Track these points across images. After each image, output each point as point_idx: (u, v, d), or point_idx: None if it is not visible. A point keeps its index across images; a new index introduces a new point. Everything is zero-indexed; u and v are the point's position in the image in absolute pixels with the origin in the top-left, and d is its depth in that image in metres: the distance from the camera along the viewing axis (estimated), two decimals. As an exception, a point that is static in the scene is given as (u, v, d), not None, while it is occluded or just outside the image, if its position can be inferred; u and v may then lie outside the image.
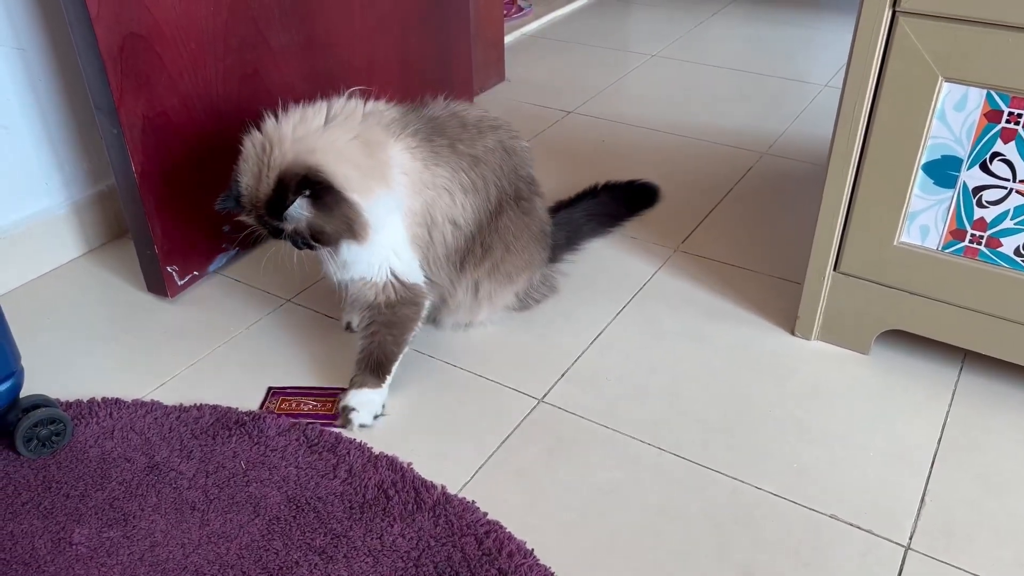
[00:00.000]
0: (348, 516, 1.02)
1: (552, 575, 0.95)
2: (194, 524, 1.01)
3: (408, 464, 1.08)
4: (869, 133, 1.11)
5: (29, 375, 1.14)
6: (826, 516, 1.02)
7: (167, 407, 1.18)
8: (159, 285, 1.40)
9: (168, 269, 1.39)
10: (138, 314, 1.39)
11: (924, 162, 1.10)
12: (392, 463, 1.08)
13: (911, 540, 0.99)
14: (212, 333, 1.34)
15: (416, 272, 1.19)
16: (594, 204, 1.53)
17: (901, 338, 1.26)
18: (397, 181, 1.11)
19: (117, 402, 1.18)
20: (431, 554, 0.97)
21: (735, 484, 1.07)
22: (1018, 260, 1.10)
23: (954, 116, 1.06)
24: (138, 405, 1.18)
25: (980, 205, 1.09)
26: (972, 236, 1.12)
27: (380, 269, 1.16)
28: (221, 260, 1.49)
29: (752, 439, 1.13)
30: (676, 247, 1.54)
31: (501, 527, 1.00)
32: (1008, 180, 1.07)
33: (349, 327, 1.34)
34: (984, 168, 1.07)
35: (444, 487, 1.05)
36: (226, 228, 1.47)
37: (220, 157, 1.40)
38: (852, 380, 1.23)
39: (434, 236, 1.18)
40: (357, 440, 1.12)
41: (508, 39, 2.46)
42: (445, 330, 1.34)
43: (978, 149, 1.06)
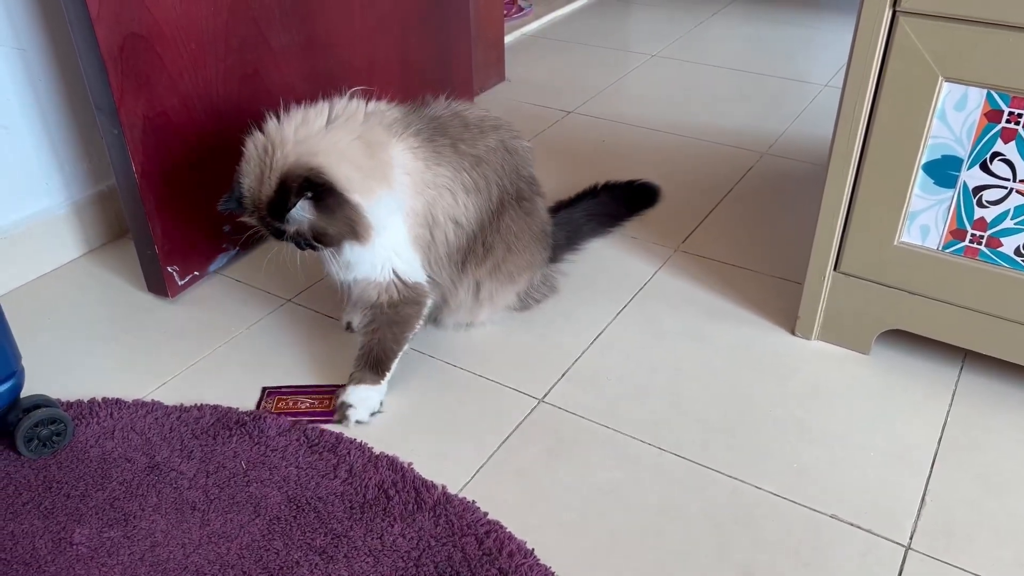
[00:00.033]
0: (348, 516, 1.02)
1: (553, 575, 0.95)
2: (195, 524, 1.01)
3: (408, 464, 1.08)
4: (869, 133, 1.11)
5: (30, 375, 1.15)
6: (826, 516, 1.02)
7: (168, 407, 1.18)
8: (159, 285, 1.41)
9: (168, 269, 1.39)
10: (138, 314, 1.39)
11: (924, 162, 1.10)
12: (392, 463, 1.08)
13: (911, 540, 0.99)
14: (212, 333, 1.34)
15: (418, 271, 1.19)
16: (594, 204, 1.53)
17: (901, 338, 1.26)
18: (399, 181, 1.11)
19: (118, 402, 1.18)
20: (431, 554, 0.97)
21: (735, 484, 1.07)
22: (1018, 260, 1.10)
23: (954, 116, 1.06)
24: (139, 405, 1.18)
25: (980, 205, 1.09)
26: (972, 236, 1.12)
27: (383, 269, 1.16)
28: (221, 260, 1.49)
29: (752, 439, 1.13)
30: (676, 247, 1.54)
31: (501, 527, 1.00)
32: (1008, 180, 1.07)
33: (349, 327, 1.34)
34: (984, 168, 1.07)
35: (444, 487, 1.05)
36: (226, 228, 1.47)
37: (220, 157, 1.40)
38: (852, 380, 1.23)
39: (436, 236, 1.18)
40: (358, 440, 1.12)
41: (508, 39, 2.46)
42: (446, 330, 1.34)
43: (978, 149, 1.06)
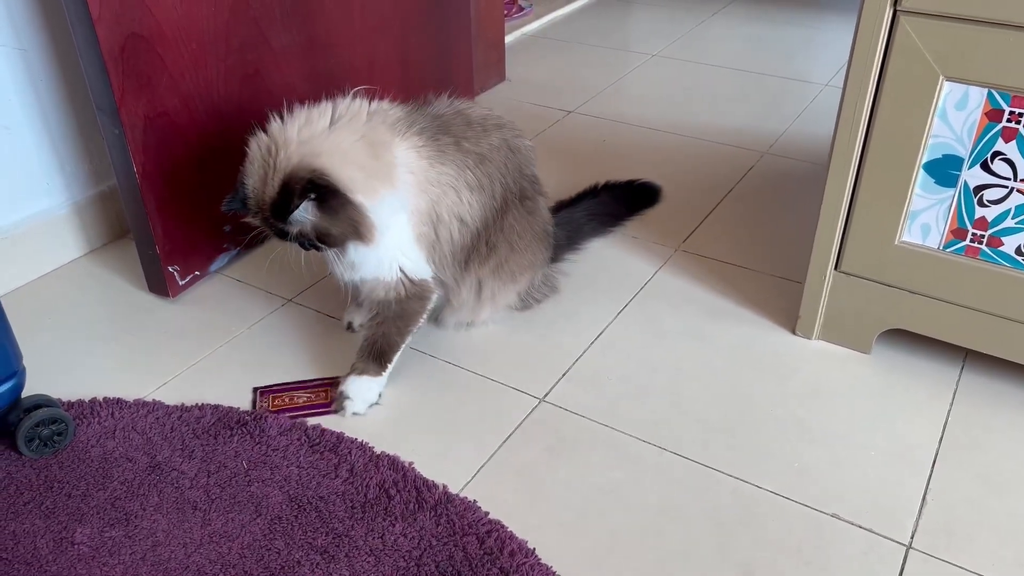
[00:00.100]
0: (350, 516, 1.02)
1: (554, 574, 0.95)
2: (196, 524, 1.01)
3: (409, 464, 1.09)
4: (870, 132, 1.11)
5: (31, 375, 1.15)
6: (827, 515, 1.02)
7: (169, 407, 1.18)
8: (160, 285, 1.41)
9: (169, 269, 1.39)
10: (139, 314, 1.39)
11: (925, 161, 1.10)
12: (393, 463, 1.08)
13: (912, 539, 0.99)
14: (213, 333, 1.34)
15: (424, 268, 1.19)
16: (595, 204, 1.53)
17: (902, 337, 1.26)
18: (403, 180, 1.11)
19: (119, 402, 1.18)
20: (433, 553, 0.97)
21: (736, 483, 1.07)
22: (1019, 259, 1.10)
23: (955, 115, 1.06)
24: (140, 405, 1.18)
25: (981, 204, 1.09)
26: (973, 235, 1.12)
27: (390, 268, 1.16)
28: (222, 260, 1.49)
29: (753, 438, 1.13)
30: (677, 247, 1.54)
31: (502, 526, 1.00)
32: (1009, 179, 1.07)
33: (350, 327, 1.34)
34: (985, 167, 1.07)
35: (445, 486, 1.05)
36: (227, 228, 1.47)
37: (221, 157, 1.40)
38: (853, 379, 1.23)
39: (440, 234, 1.18)
40: (359, 440, 1.12)
41: (509, 39, 2.46)
42: (447, 329, 1.34)
43: (979, 148, 1.06)
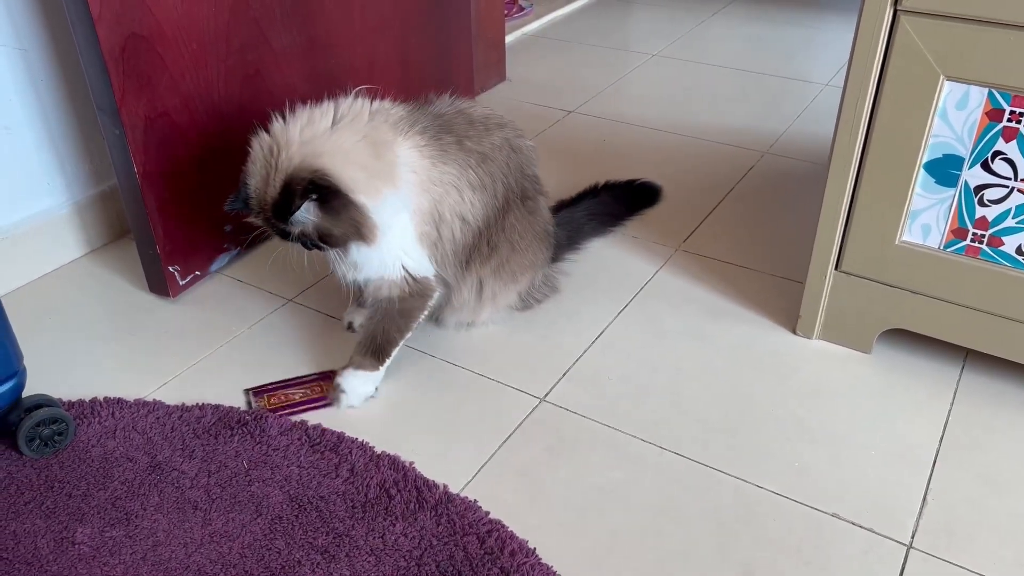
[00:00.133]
0: (350, 515, 1.02)
1: (554, 574, 0.95)
2: (196, 523, 1.01)
3: (410, 463, 1.09)
4: (870, 132, 1.11)
5: (31, 375, 1.15)
6: (828, 515, 1.02)
7: (169, 407, 1.18)
8: (161, 285, 1.41)
9: (170, 269, 1.39)
10: (140, 314, 1.39)
11: (925, 161, 1.10)
12: (394, 462, 1.08)
13: (913, 539, 0.99)
14: (214, 333, 1.34)
15: (427, 267, 1.19)
16: (595, 203, 1.53)
17: (903, 337, 1.26)
18: (405, 180, 1.11)
19: (119, 402, 1.18)
20: (433, 553, 0.97)
21: (736, 483, 1.07)
22: (1020, 259, 1.10)
23: (955, 115, 1.06)
24: (140, 405, 1.18)
25: (982, 204, 1.09)
26: (974, 235, 1.12)
27: (393, 268, 1.16)
28: (223, 260, 1.49)
29: (754, 438, 1.13)
30: (677, 246, 1.54)
31: (503, 526, 1.00)
32: (1010, 179, 1.07)
33: (351, 327, 1.34)
34: (985, 167, 1.07)
35: (446, 486, 1.05)
36: (228, 228, 1.47)
37: (222, 157, 1.40)
38: (854, 379, 1.23)
39: (443, 233, 1.18)
40: (359, 439, 1.12)
41: (509, 39, 2.46)
42: (447, 329, 1.34)
43: (979, 148, 1.06)
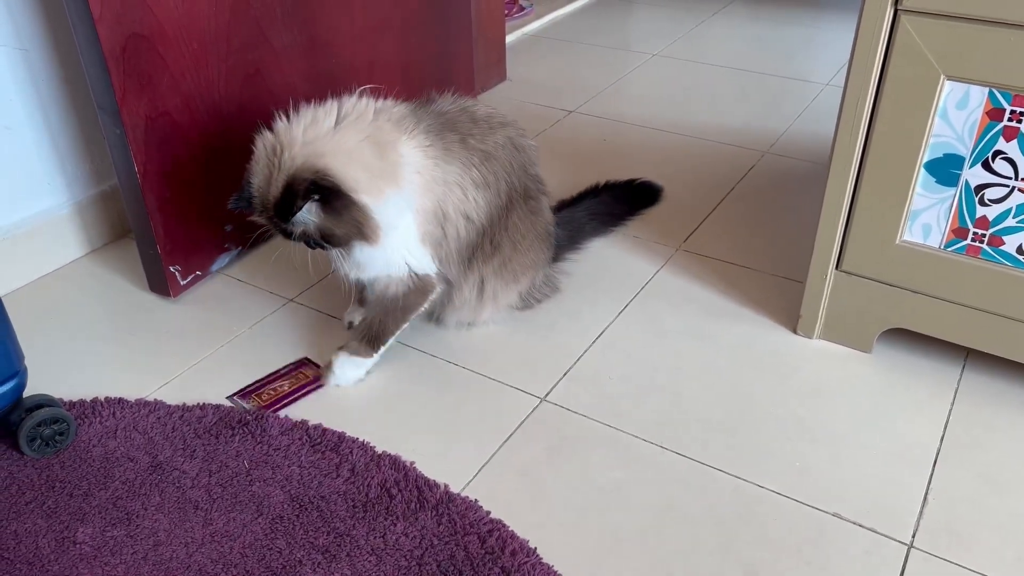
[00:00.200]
0: (351, 515, 1.02)
1: (555, 573, 0.95)
2: (197, 523, 1.01)
3: (411, 463, 1.09)
4: (871, 132, 1.11)
5: (32, 375, 1.15)
6: (829, 514, 1.02)
7: (170, 406, 1.18)
8: (162, 285, 1.41)
9: (171, 269, 1.39)
10: (141, 314, 1.39)
11: (926, 160, 1.10)
12: (395, 462, 1.08)
13: (914, 538, 0.99)
14: (215, 333, 1.34)
15: (429, 265, 1.19)
16: (596, 203, 1.53)
17: (903, 336, 1.26)
18: (409, 180, 1.11)
19: (120, 402, 1.18)
20: (434, 553, 0.97)
21: (737, 483, 1.07)
22: (1020, 258, 1.10)
23: (956, 114, 1.06)
24: (141, 405, 1.18)
25: (982, 203, 1.09)
26: (974, 234, 1.12)
27: (399, 267, 1.17)
28: (224, 260, 1.49)
29: (754, 438, 1.13)
30: (678, 246, 1.54)
31: (504, 526, 1.00)
32: (1010, 178, 1.07)
33: (351, 327, 1.34)
34: (986, 166, 1.07)
35: (447, 486, 1.05)
36: (228, 228, 1.47)
37: (223, 157, 1.40)
38: (854, 378, 1.23)
39: (448, 231, 1.18)
40: (360, 439, 1.12)
41: (509, 39, 2.46)
42: (448, 329, 1.34)
43: (980, 147, 1.06)
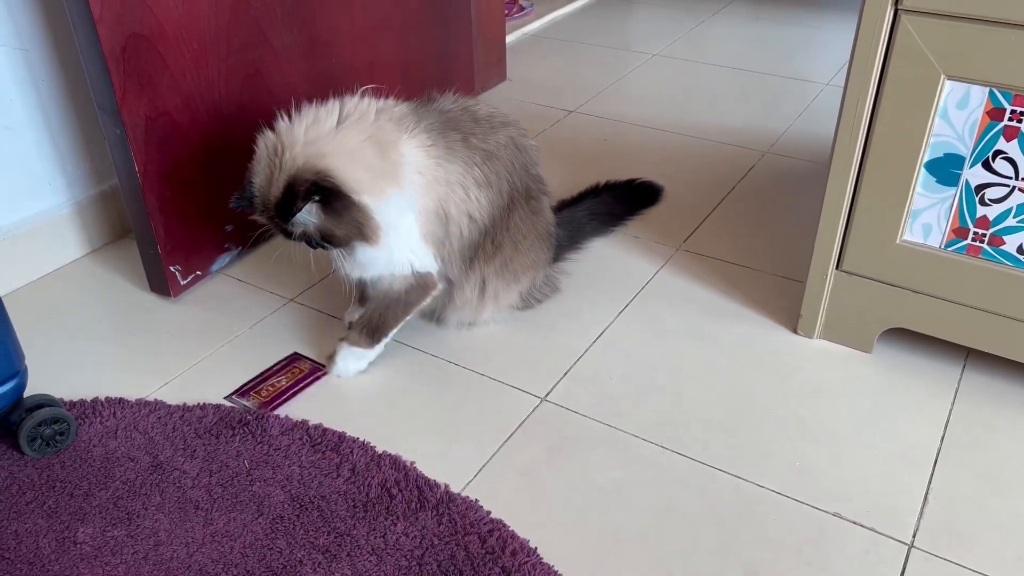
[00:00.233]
0: (351, 515, 1.02)
1: (556, 573, 0.95)
2: (198, 523, 1.01)
3: (411, 463, 1.09)
4: (871, 131, 1.11)
5: (33, 375, 1.15)
6: (829, 514, 1.02)
7: (170, 406, 1.18)
8: (162, 285, 1.41)
9: (171, 269, 1.39)
10: (141, 314, 1.39)
11: (926, 160, 1.10)
12: (395, 462, 1.08)
13: (914, 538, 0.99)
14: (215, 333, 1.34)
15: (431, 263, 1.19)
16: (596, 203, 1.53)
17: (904, 336, 1.26)
18: (411, 180, 1.11)
19: (121, 402, 1.18)
20: (434, 553, 0.97)
21: (738, 482, 1.07)
22: (1021, 258, 1.10)
23: (956, 114, 1.06)
24: (141, 404, 1.18)
25: (983, 203, 1.09)
26: (975, 234, 1.12)
27: (402, 266, 1.17)
28: (224, 260, 1.49)
29: (755, 437, 1.13)
30: (678, 246, 1.54)
31: (504, 526, 1.00)
32: (1011, 178, 1.07)
33: (351, 327, 1.34)
34: (986, 166, 1.07)
35: (447, 486, 1.05)
36: (229, 228, 1.47)
37: (223, 157, 1.40)
38: (855, 378, 1.23)
39: (451, 230, 1.18)
40: (360, 439, 1.12)
41: (509, 39, 2.46)
42: (449, 328, 1.34)
43: (980, 147, 1.06)
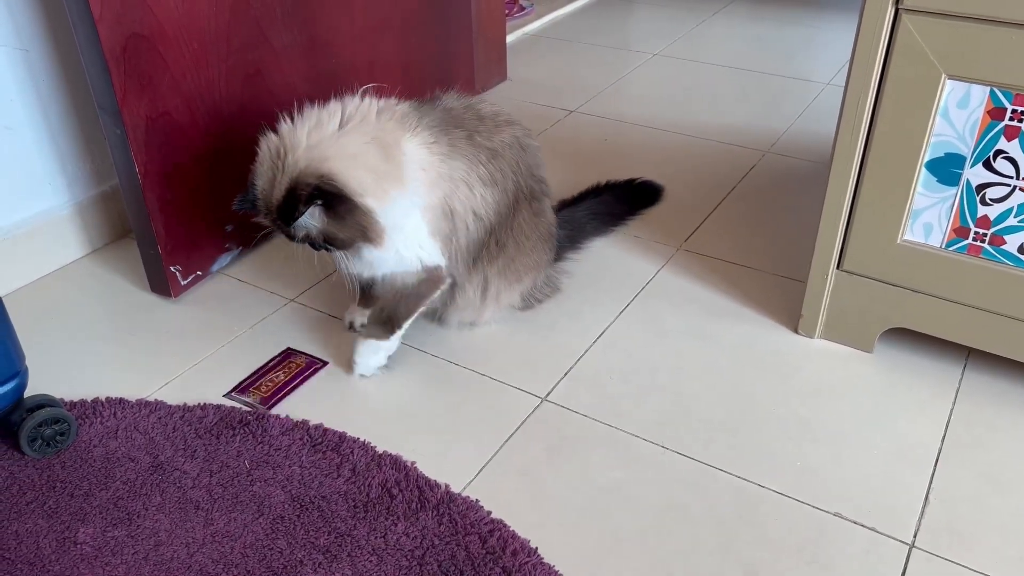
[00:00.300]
0: (352, 515, 1.02)
1: (556, 573, 0.95)
2: (198, 523, 1.01)
3: (412, 463, 1.09)
4: (872, 131, 1.11)
5: (33, 375, 1.15)
6: (830, 514, 1.02)
7: (171, 407, 1.18)
8: (162, 285, 1.41)
9: (171, 269, 1.39)
10: (141, 314, 1.39)
11: (927, 160, 1.10)
12: (396, 462, 1.08)
13: (915, 538, 0.99)
14: (215, 333, 1.34)
15: (439, 257, 1.19)
16: (597, 203, 1.53)
17: (905, 336, 1.26)
18: (414, 178, 1.10)
19: (121, 402, 1.18)
20: (435, 553, 0.97)
21: (738, 482, 1.07)
22: (1022, 258, 1.10)
23: (957, 114, 1.06)
24: (142, 405, 1.18)
25: (983, 203, 1.09)
26: (975, 234, 1.12)
27: (411, 264, 1.17)
28: (224, 260, 1.49)
29: (755, 437, 1.13)
30: (679, 246, 1.54)
31: (505, 526, 1.00)
32: (1012, 178, 1.06)
33: (352, 327, 1.34)
34: (987, 166, 1.07)
35: (448, 486, 1.05)
36: (229, 228, 1.47)
37: (223, 157, 1.40)
38: (856, 378, 1.23)
39: (457, 227, 1.18)
40: (361, 439, 1.12)
41: (510, 38, 2.46)
42: (450, 328, 1.34)
43: (981, 147, 1.06)
